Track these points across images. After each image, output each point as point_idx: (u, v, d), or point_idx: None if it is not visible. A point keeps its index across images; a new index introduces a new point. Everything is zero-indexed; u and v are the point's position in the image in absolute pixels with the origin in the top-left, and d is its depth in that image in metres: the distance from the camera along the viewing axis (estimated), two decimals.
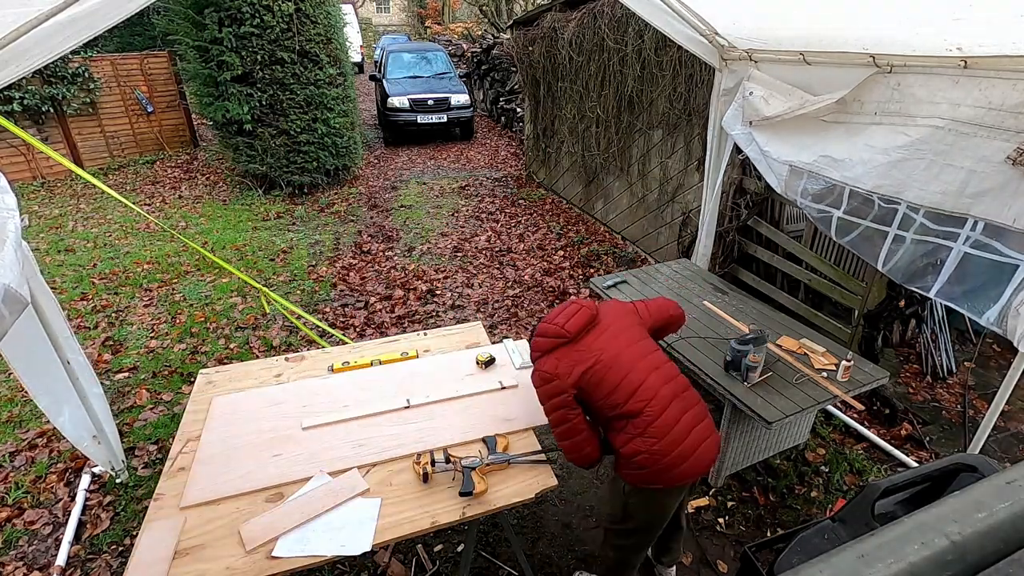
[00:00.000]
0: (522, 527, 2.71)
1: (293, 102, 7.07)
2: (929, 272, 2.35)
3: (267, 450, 2.04)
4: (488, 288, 5.18)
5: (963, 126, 2.06)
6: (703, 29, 3.04)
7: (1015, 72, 1.88)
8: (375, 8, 33.87)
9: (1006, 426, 3.34)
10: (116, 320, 4.56)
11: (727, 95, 3.24)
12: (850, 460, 3.06)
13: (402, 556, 2.55)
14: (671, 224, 5.13)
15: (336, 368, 2.51)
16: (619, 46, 5.24)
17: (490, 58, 12.14)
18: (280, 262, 5.70)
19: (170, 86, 9.58)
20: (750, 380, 2.48)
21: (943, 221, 2.25)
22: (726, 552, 2.60)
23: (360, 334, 4.41)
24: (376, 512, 1.78)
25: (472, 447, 2.06)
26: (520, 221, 6.88)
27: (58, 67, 7.92)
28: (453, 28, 22.03)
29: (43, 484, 2.95)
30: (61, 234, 6.35)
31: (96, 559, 2.54)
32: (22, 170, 7.99)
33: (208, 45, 6.54)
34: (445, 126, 10.48)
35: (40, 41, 1.89)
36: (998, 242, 2.10)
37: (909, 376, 3.75)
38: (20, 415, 3.44)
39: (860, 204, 2.59)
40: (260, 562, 1.63)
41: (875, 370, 2.62)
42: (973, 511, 0.75)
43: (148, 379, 3.81)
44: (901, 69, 2.25)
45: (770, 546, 1.88)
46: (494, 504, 1.84)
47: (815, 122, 2.66)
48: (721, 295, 3.35)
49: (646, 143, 5.31)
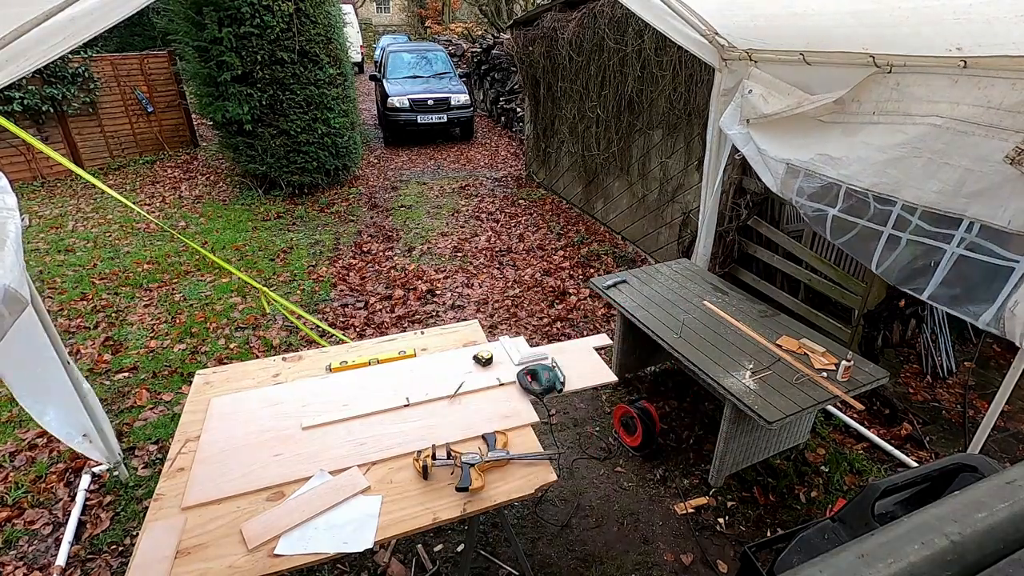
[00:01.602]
0: (522, 527, 2.71)
1: (293, 102, 7.07)
2: (923, 274, 2.35)
3: (267, 450, 2.04)
4: (488, 288, 5.18)
5: (961, 125, 2.06)
6: (703, 29, 3.04)
7: (1014, 72, 1.88)
8: (375, 8, 33.87)
9: (1006, 426, 3.34)
10: (116, 320, 4.56)
11: (727, 95, 3.24)
12: (850, 460, 3.06)
13: (402, 556, 2.55)
14: (671, 224, 5.13)
15: (334, 368, 2.50)
16: (619, 46, 5.24)
17: (490, 58, 12.15)
18: (280, 262, 5.70)
19: (170, 86, 9.58)
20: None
21: (938, 222, 2.25)
22: (726, 552, 2.60)
23: (360, 334, 4.41)
24: (377, 509, 1.78)
25: (472, 444, 2.07)
26: (520, 221, 6.88)
27: (58, 67, 7.92)
28: (453, 28, 22.03)
29: (43, 484, 2.95)
30: (61, 234, 6.35)
31: (96, 559, 2.54)
32: (22, 170, 7.99)
33: (208, 45, 6.54)
34: (445, 126, 10.49)
35: (40, 41, 1.89)
36: (993, 243, 2.09)
37: (909, 376, 3.75)
38: (20, 415, 3.44)
39: (855, 203, 2.59)
40: (262, 560, 1.63)
41: (875, 370, 2.62)
42: (973, 511, 0.75)
43: (148, 379, 3.81)
44: (901, 69, 2.25)
45: (770, 546, 1.88)
46: (494, 500, 1.84)
47: (813, 121, 2.66)
48: (721, 295, 3.35)
49: (646, 143, 5.31)
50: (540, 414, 2.26)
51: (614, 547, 2.61)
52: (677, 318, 3.07)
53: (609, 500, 2.87)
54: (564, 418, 3.46)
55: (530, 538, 2.65)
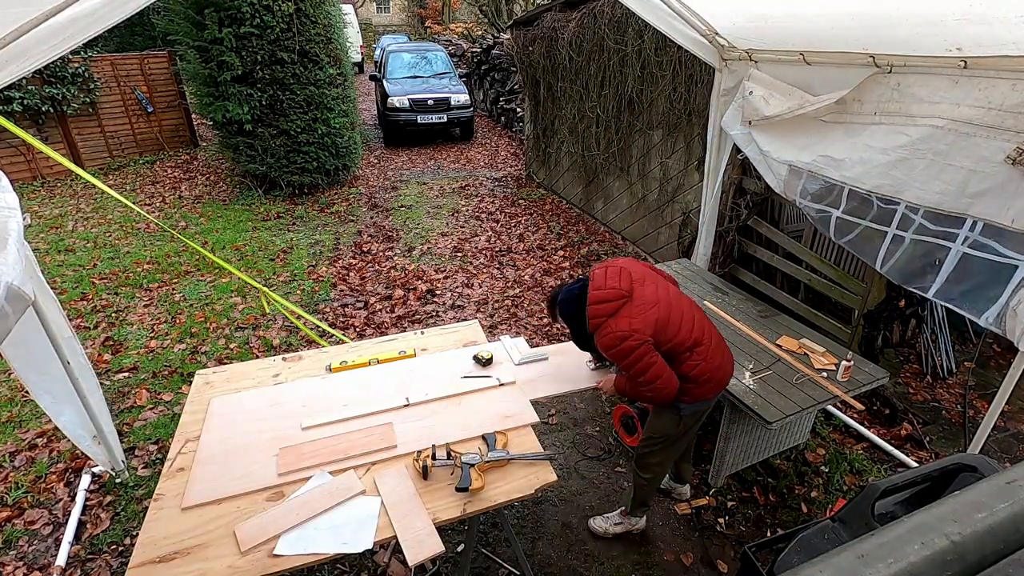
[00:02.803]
0: (522, 527, 2.71)
1: (293, 102, 7.07)
2: (928, 272, 2.35)
3: (267, 450, 2.04)
4: (488, 288, 5.18)
5: (963, 126, 2.06)
6: (703, 29, 3.04)
7: (1015, 72, 1.88)
8: (375, 8, 33.86)
9: (1006, 426, 3.34)
10: (116, 320, 4.56)
11: (727, 95, 3.24)
12: (850, 460, 3.06)
13: (402, 556, 2.54)
14: (671, 224, 5.13)
15: (334, 368, 2.51)
16: (619, 46, 5.24)
17: (490, 58, 12.14)
18: (280, 262, 5.70)
19: (170, 86, 9.58)
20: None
21: (942, 221, 2.25)
22: (726, 552, 2.60)
23: (360, 334, 4.41)
24: (377, 510, 1.79)
25: (472, 444, 2.07)
26: (520, 221, 6.88)
27: (58, 67, 7.91)
28: (453, 28, 22.03)
29: (43, 484, 2.95)
30: (61, 234, 6.35)
31: (96, 559, 2.54)
32: (22, 170, 7.99)
33: (208, 45, 6.54)
34: (445, 126, 10.48)
35: (40, 41, 1.89)
36: (996, 242, 2.10)
37: (909, 376, 3.75)
38: (20, 415, 3.44)
39: (859, 204, 2.59)
40: (262, 560, 1.63)
41: (875, 370, 2.62)
42: (973, 511, 0.75)
43: (148, 379, 3.81)
44: (901, 69, 2.25)
45: (770, 546, 1.88)
46: (495, 500, 1.84)
47: (815, 122, 2.66)
48: (721, 295, 3.35)
49: (646, 143, 5.31)
50: (540, 414, 2.26)
51: (614, 547, 2.61)
52: None
53: (609, 500, 2.87)
54: (564, 418, 3.46)
55: (530, 538, 2.65)
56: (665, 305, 2.06)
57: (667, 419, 2.26)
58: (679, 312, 2.09)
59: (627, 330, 1.97)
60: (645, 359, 1.98)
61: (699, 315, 2.19)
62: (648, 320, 2.00)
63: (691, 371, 2.09)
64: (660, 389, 2.03)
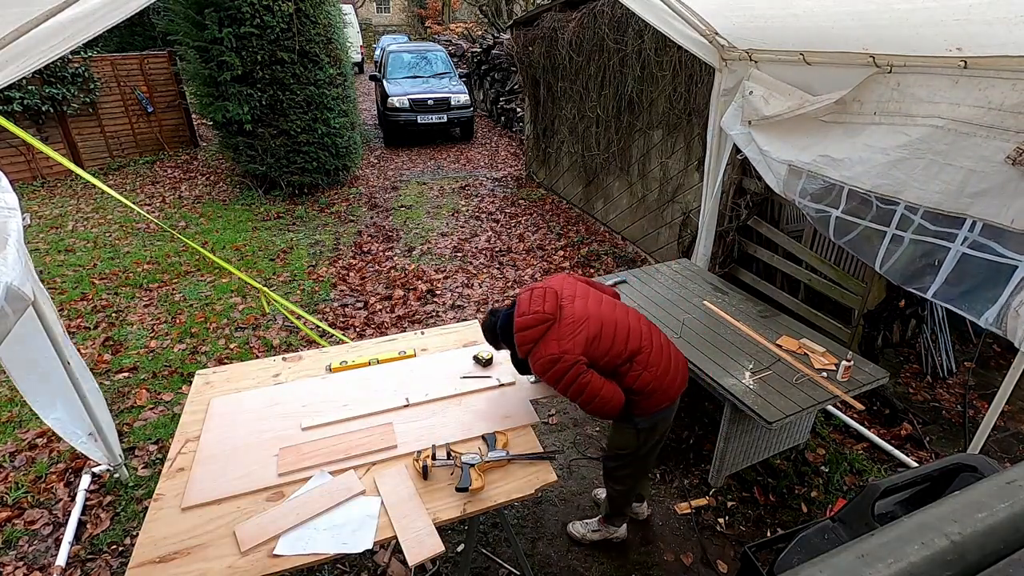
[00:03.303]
0: (522, 527, 2.71)
1: (293, 102, 7.07)
2: (927, 273, 2.35)
3: (267, 450, 2.04)
4: (488, 288, 5.18)
5: (963, 126, 2.06)
6: (703, 29, 3.04)
7: (1015, 72, 1.88)
8: (375, 8, 33.86)
9: (1006, 426, 3.34)
10: (116, 320, 4.56)
11: (727, 95, 3.24)
12: (850, 460, 3.06)
13: (402, 556, 2.54)
14: (671, 224, 5.13)
15: (334, 368, 2.50)
16: (619, 46, 5.24)
17: (490, 58, 12.14)
18: (280, 262, 5.70)
19: (170, 86, 9.58)
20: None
21: (941, 221, 2.25)
22: (726, 552, 2.60)
23: (360, 334, 4.41)
24: (377, 510, 1.79)
25: (472, 444, 2.07)
26: (520, 221, 6.88)
27: (58, 67, 7.91)
28: (453, 28, 22.02)
29: (43, 484, 2.95)
30: (61, 234, 6.35)
31: (96, 559, 2.54)
32: (22, 170, 7.99)
33: (208, 45, 6.54)
34: (445, 126, 10.48)
35: (40, 41, 1.89)
36: (996, 242, 2.09)
37: (909, 376, 3.75)
38: (20, 415, 3.44)
39: (858, 204, 2.59)
40: (262, 560, 1.63)
41: (875, 370, 2.62)
42: (973, 511, 0.75)
43: (148, 379, 3.81)
44: (901, 69, 2.25)
45: (770, 546, 1.88)
46: (495, 500, 1.84)
47: (814, 122, 2.66)
48: (721, 295, 3.35)
49: (646, 143, 5.31)
50: (540, 414, 2.26)
51: (614, 547, 2.61)
52: (677, 318, 3.07)
53: None
54: (564, 418, 3.46)
55: (530, 538, 2.65)
56: (596, 320, 2.02)
57: (626, 434, 2.21)
58: (612, 324, 2.05)
59: (557, 353, 1.93)
60: (579, 380, 1.93)
61: (640, 324, 2.14)
62: (578, 340, 1.95)
63: (634, 383, 2.04)
64: (602, 406, 1.98)
